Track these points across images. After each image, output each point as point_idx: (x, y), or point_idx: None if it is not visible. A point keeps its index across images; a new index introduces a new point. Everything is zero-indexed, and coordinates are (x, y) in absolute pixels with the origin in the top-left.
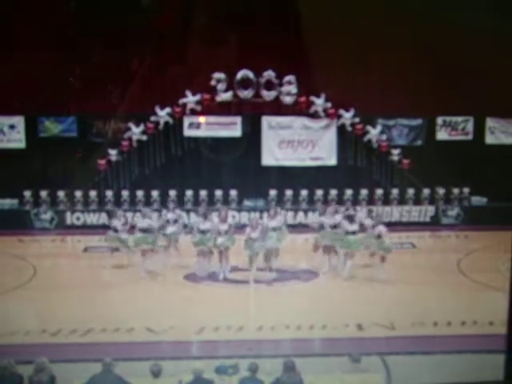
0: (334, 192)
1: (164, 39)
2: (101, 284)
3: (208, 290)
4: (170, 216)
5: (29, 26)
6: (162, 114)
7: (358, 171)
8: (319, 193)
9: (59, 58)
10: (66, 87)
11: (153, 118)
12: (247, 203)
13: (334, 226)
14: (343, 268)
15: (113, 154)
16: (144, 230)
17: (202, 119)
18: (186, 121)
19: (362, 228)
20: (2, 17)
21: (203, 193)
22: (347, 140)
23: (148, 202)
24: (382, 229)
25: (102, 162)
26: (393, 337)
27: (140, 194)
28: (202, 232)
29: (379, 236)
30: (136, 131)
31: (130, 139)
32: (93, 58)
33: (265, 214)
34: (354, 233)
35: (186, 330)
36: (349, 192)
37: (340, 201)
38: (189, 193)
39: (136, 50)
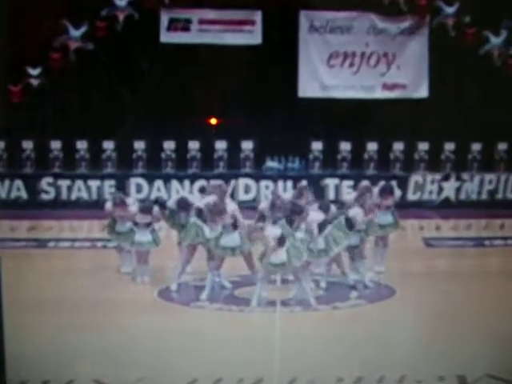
0: (423, 146)
1: None
2: (13, 304)
3: (201, 316)
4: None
5: None
6: (121, 4)
7: (465, 110)
8: (398, 147)
9: None
10: None
11: (104, 12)
12: (272, 164)
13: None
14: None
15: (34, 74)
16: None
17: (192, 14)
18: (164, 17)
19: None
20: None
21: (194, 146)
22: (449, 54)
23: (96, 159)
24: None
25: (16, 88)
26: None
27: (83, 146)
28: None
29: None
30: (76, 34)
31: (64, 48)
32: None
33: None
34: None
35: None
36: (449, 146)
37: (433, 162)
38: (169, 145)
39: None
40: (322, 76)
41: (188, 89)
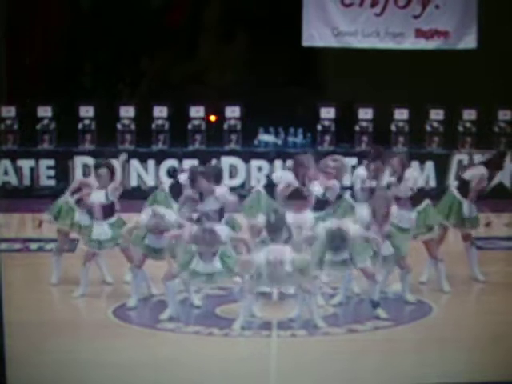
0: (469, 115)
1: None
2: None
3: (172, 341)
4: None
5: None
6: None
7: None
8: (436, 115)
9: None
10: None
11: None
12: (266, 138)
13: None
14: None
15: None
16: None
17: None
18: None
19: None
20: None
21: (161, 113)
22: None
23: (29, 130)
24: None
25: None
26: None
27: (9, 113)
28: None
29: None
30: None
31: None
32: None
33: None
34: None
35: None
36: (504, 115)
37: (483, 135)
38: (127, 112)
39: None
40: (333, 19)
41: (155, 31)
